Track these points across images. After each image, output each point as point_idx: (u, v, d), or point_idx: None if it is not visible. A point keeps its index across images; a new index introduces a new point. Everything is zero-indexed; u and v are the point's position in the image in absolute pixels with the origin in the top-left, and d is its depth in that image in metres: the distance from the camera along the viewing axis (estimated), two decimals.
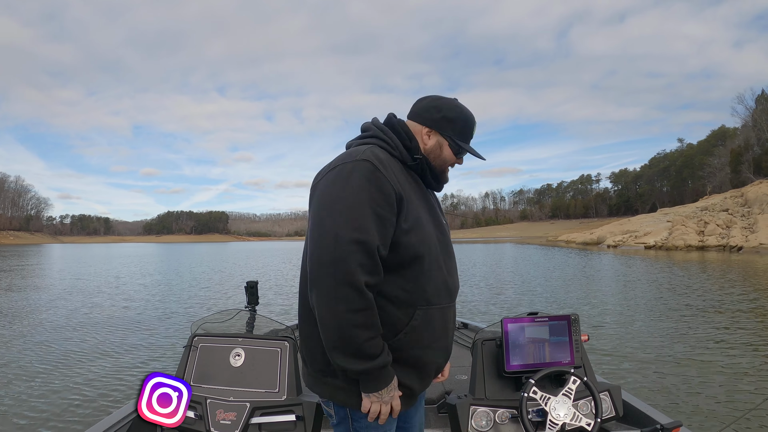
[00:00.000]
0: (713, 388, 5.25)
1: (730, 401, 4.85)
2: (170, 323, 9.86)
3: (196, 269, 26.74)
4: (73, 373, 6.23)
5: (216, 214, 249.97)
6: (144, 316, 10.62)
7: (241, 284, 4.07)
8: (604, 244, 51.97)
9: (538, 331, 2.23)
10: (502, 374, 2.19)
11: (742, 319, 9.06)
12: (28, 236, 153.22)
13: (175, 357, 6.42)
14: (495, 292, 14.12)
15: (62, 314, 10.93)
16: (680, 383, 5.42)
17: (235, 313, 2.63)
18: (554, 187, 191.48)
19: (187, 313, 11.01)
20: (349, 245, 1.36)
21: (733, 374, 5.73)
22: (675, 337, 7.67)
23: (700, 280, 16.44)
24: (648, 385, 5.39)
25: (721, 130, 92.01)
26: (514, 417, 2.10)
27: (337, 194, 1.43)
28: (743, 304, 10.91)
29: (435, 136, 1.63)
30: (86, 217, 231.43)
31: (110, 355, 7.21)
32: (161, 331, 8.99)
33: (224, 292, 15.67)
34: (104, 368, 6.44)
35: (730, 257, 28.56)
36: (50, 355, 7.22)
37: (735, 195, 52.09)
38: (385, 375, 1.43)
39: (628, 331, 8.20)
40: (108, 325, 9.52)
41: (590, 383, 2.05)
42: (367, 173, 1.43)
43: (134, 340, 8.24)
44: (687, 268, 21.18)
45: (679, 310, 10.30)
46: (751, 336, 7.66)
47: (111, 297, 14.16)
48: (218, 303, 12.67)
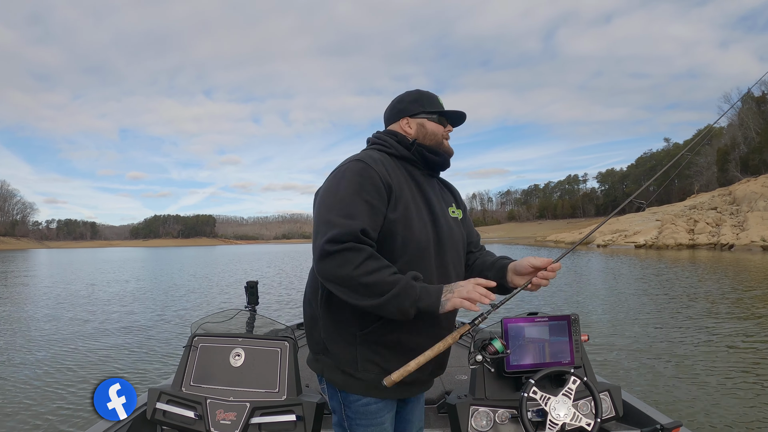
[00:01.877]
0: (713, 388, 5.29)
1: (731, 401, 4.89)
2: (170, 324, 9.79)
3: (185, 274, 26.57)
4: (73, 373, 6.21)
5: (203, 218, 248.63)
6: (142, 319, 10.53)
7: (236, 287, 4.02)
8: (593, 243, 52.26)
9: (538, 331, 2.22)
10: (502, 374, 2.19)
11: (742, 320, 9.15)
12: (13, 241, 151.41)
13: (175, 357, 6.39)
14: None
15: (59, 317, 10.82)
16: (680, 383, 5.46)
17: (235, 313, 2.61)
18: (541, 188, 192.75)
19: (182, 315, 10.93)
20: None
21: (734, 374, 5.78)
22: (675, 338, 7.73)
23: (697, 279, 16.61)
24: (648, 385, 5.41)
25: (707, 129, 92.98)
26: (514, 417, 2.10)
27: (332, 189, 1.60)
28: (743, 304, 11.01)
29: (412, 121, 1.81)
30: (72, 222, 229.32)
31: (110, 355, 7.16)
32: (160, 332, 8.93)
33: (216, 295, 15.57)
34: (104, 368, 6.40)
35: (721, 255, 28.86)
36: (50, 354, 7.16)
37: (723, 193, 52.73)
38: (423, 286, 1.50)
39: (628, 332, 8.25)
40: (107, 326, 9.45)
41: (590, 383, 2.04)
42: (358, 169, 1.59)
43: (134, 340, 8.19)
44: (684, 267, 21.39)
45: (679, 310, 10.38)
46: (752, 336, 7.73)
47: (104, 301, 14.05)
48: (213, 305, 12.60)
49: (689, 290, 13.58)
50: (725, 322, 8.93)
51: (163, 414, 2.18)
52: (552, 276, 1.67)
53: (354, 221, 1.49)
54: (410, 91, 1.87)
